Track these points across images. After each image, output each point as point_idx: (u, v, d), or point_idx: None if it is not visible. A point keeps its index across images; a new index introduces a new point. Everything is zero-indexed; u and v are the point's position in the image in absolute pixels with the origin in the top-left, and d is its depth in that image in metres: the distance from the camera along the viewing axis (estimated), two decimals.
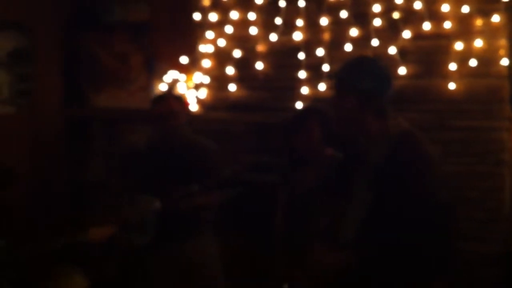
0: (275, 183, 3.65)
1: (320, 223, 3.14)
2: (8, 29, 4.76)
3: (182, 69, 4.74)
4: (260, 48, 4.58)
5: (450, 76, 4.07)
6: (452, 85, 4.04)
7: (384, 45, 4.18)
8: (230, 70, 4.63)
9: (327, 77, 4.28)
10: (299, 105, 4.39)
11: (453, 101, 4.07)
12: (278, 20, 4.46)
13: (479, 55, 4.00)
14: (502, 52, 3.97)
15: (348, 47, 4.26)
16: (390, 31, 4.20)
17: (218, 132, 4.45)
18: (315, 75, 4.37)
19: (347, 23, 4.29)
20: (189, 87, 4.74)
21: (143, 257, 3.83)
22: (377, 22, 4.21)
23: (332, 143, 3.34)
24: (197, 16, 4.70)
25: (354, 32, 4.27)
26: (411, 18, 4.16)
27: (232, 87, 4.63)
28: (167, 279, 3.75)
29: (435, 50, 4.12)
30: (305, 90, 4.40)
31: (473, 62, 3.99)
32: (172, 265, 3.74)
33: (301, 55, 4.40)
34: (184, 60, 4.69)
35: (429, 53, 4.15)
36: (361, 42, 4.25)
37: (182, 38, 4.74)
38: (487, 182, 3.99)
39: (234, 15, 4.59)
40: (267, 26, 4.52)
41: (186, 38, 4.72)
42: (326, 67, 4.31)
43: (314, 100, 4.33)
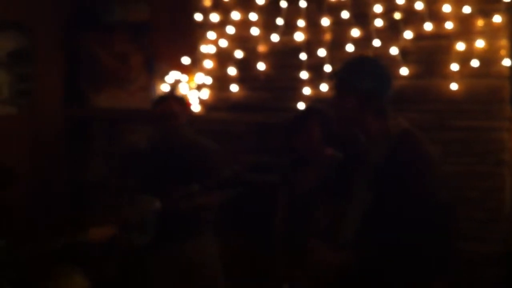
0: (275, 183, 3.66)
1: (320, 223, 3.15)
2: (8, 29, 4.75)
3: (184, 69, 4.74)
4: (262, 48, 4.58)
5: (451, 77, 4.07)
6: (454, 86, 4.05)
7: (385, 45, 4.19)
8: (232, 71, 4.63)
9: (328, 78, 4.27)
10: (301, 105, 4.39)
11: (453, 101, 4.07)
12: (280, 21, 4.46)
13: (480, 56, 4.00)
14: (503, 52, 3.97)
15: (349, 48, 4.26)
16: (391, 32, 4.20)
17: (219, 132, 4.47)
18: (317, 76, 4.37)
19: (348, 24, 4.29)
20: (191, 88, 4.74)
21: (143, 257, 3.84)
22: (378, 23, 4.21)
23: (332, 143, 3.35)
24: (198, 17, 4.70)
25: (355, 32, 4.28)
26: (412, 18, 4.16)
27: (233, 87, 4.63)
28: (167, 279, 3.76)
29: (436, 50, 4.13)
30: (307, 91, 4.40)
31: (474, 63, 3.99)
32: (172, 265, 3.75)
33: (303, 56, 4.41)
34: (185, 60, 4.69)
35: (430, 54, 4.15)
36: (363, 43, 4.25)
37: (182, 38, 4.75)
38: (487, 182, 4.00)
39: (235, 15, 4.60)
40: (268, 26, 4.52)
41: (186, 38, 4.72)
42: (327, 68, 4.31)
43: (315, 100, 4.33)
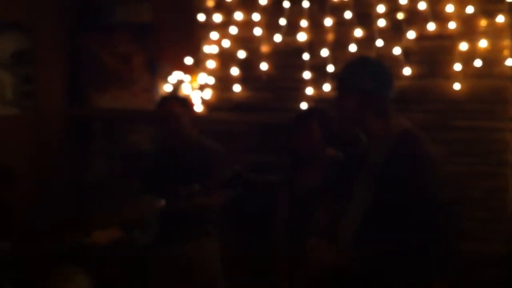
0: (275, 183, 3.66)
1: (320, 223, 3.15)
2: (10, 30, 4.76)
3: (186, 70, 4.74)
4: (264, 49, 4.57)
5: (454, 77, 4.06)
6: (457, 86, 4.04)
7: (388, 45, 4.19)
8: (235, 71, 4.63)
9: (331, 78, 4.27)
10: (303, 105, 4.39)
11: (456, 101, 4.07)
12: (282, 21, 4.46)
13: (483, 56, 4.00)
14: (506, 52, 3.97)
15: (352, 48, 4.26)
16: (394, 32, 4.20)
17: (222, 132, 4.45)
18: (320, 76, 4.37)
19: (351, 24, 4.29)
20: (193, 88, 4.74)
21: (144, 257, 3.84)
22: (381, 23, 4.21)
23: (332, 143, 3.35)
24: (201, 17, 4.70)
25: (358, 32, 4.27)
26: (415, 18, 4.16)
27: (236, 87, 4.63)
28: (168, 279, 3.76)
29: (439, 50, 4.12)
30: (309, 91, 4.40)
31: (477, 63, 3.98)
32: (173, 265, 3.76)
33: (305, 56, 4.40)
34: (188, 61, 4.69)
35: (433, 54, 4.15)
36: (365, 43, 4.25)
37: (185, 39, 4.74)
38: (490, 182, 4.00)
39: (238, 16, 4.59)
40: (271, 27, 4.52)
41: (189, 39, 4.71)
42: (330, 68, 4.31)
43: (317, 100, 4.33)
